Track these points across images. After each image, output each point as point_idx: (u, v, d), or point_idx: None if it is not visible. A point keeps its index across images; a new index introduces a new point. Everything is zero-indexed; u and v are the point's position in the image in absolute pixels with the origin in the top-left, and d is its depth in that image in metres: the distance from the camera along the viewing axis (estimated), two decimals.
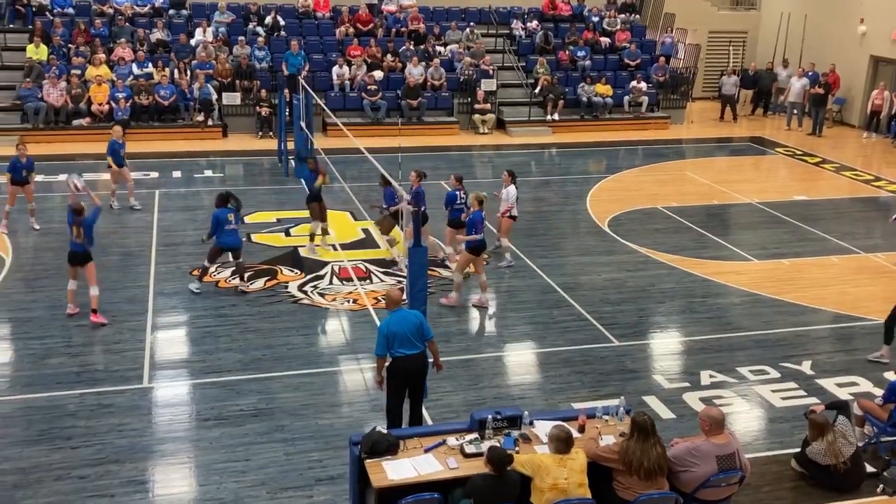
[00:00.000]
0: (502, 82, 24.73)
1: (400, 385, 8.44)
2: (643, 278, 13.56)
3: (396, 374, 8.37)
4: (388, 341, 8.26)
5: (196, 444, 8.80)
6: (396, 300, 8.54)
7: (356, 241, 14.88)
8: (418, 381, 8.55)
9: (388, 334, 8.27)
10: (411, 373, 8.41)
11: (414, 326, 8.36)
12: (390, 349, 8.28)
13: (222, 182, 18.50)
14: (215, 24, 24.21)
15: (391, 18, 25.79)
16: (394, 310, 8.49)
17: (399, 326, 8.30)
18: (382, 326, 8.39)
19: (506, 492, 6.67)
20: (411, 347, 8.32)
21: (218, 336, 11.18)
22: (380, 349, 8.31)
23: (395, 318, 8.39)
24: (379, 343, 8.31)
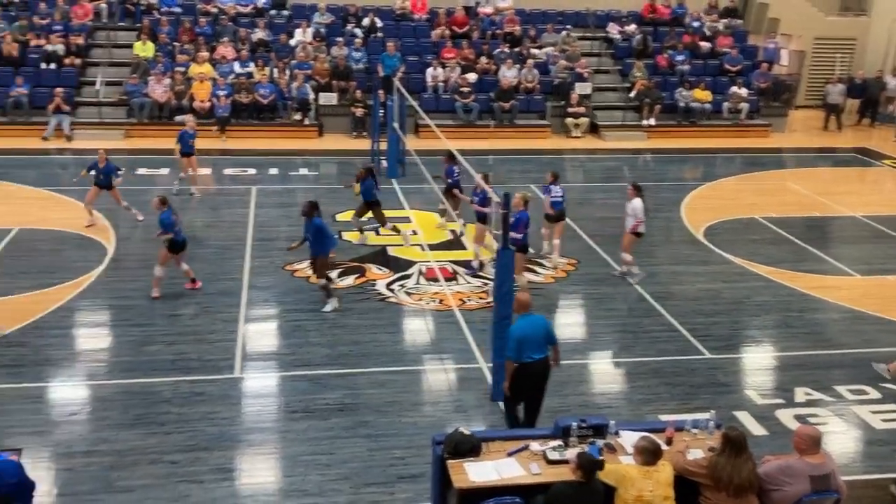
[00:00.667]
0: (597, 86, 24.45)
1: (524, 388, 8.49)
2: (738, 290, 13.18)
3: (523, 378, 8.41)
4: (519, 345, 8.28)
5: (283, 435, 8.97)
6: (526, 304, 8.55)
7: (444, 242, 14.92)
8: (541, 385, 8.59)
9: (519, 338, 8.30)
10: (537, 376, 8.47)
11: (543, 331, 8.44)
12: (519, 354, 8.31)
13: (316, 180, 18.84)
14: (315, 25, 24.68)
15: (487, 21, 25.81)
16: (523, 314, 8.50)
17: (529, 330, 8.35)
18: (514, 330, 8.42)
19: (590, 500, 6.55)
20: (538, 352, 8.38)
21: (307, 330, 11.37)
22: (511, 353, 8.35)
23: (526, 322, 8.43)
24: (510, 347, 8.36)
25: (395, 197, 17.39)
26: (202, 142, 20.18)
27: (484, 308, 12.02)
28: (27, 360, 10.30)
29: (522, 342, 8.31)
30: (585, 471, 6.51)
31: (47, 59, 22.30)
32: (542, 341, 8.45)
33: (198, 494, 7.92)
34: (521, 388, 8.50)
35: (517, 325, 8.47)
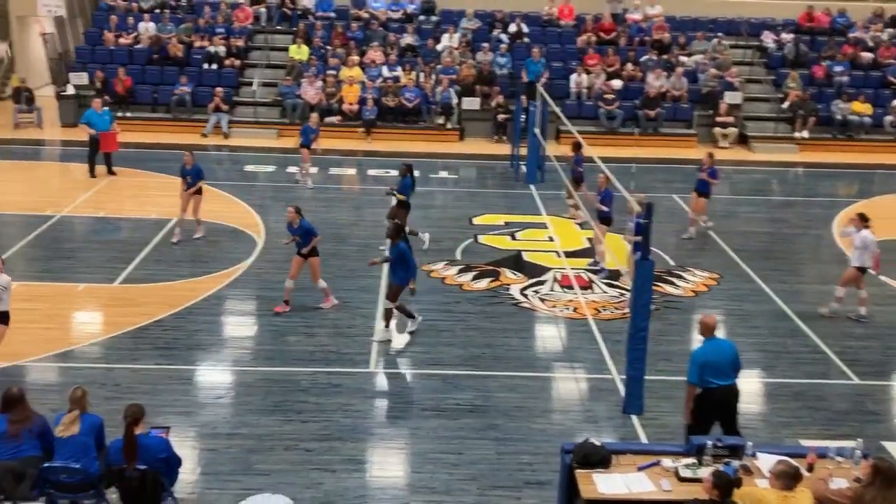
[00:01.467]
0: (748, 95, 23.64)
1: (708, 416, 8.14)
2: (894, 314, 12.44)
3: (705, 405, 8.11)
4: (701, 370, 8.03)
5: (414, 431, 9.13)
6: (712, 327, 8.22)
7: (580, 250, 14.78)
8: (729, 413, 8.20)
9: (702, 363, 8.03)
10: (721, 404, 8.12)
11: (729, 357, 8.11)
12: (702, 379, 8.03)
13: (455, 183, 19.07)
14: (462, 30, 24.99)
15: (635, 27, 25.41)
16: (709, 338, 8.22)
17: (715, 355, 8.06)
18: (697, 355, 8.14)
19: None
20: (724, 378, 8.04)
21: (441, 330, 11.53)
22: (693, 377, 8.07)
23: (711, 346, 8.14)
24: (691, 371, 8.08)
25: (532, 202, 17.39)
26: (348, 143, 20.89)
27: (620, 319, 11.85)
28: (179, 343, 10.93)
29: (705, 367, 7.97)
30: (722, 490, 6.31)
31: (209, 60, 23.58)
32: (728, 367, 8.05)
33: (330, 482, 8.18)
34: (703, 417, 8.12)
35: (701, 350, 8.14)
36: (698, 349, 8.21)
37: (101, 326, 11.50)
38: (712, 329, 8.21)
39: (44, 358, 10.38)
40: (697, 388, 8.07)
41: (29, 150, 20.68)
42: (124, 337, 11.04)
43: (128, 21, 24.57)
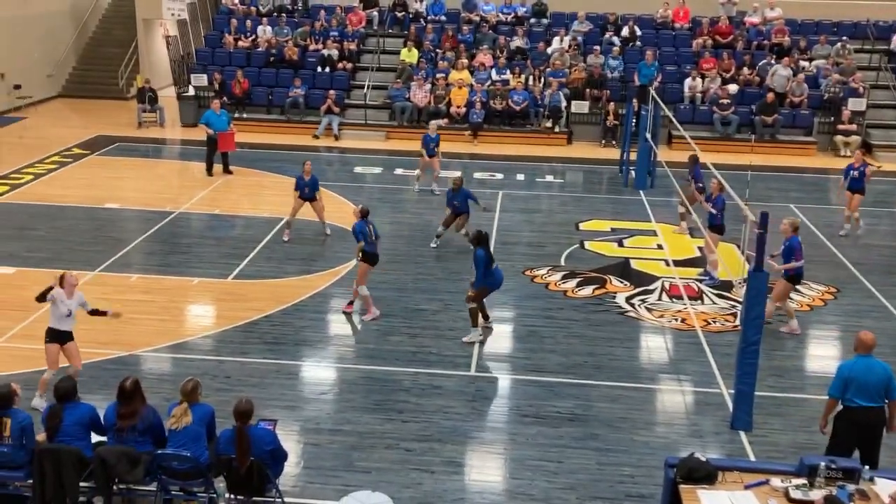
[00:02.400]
0: (873, 102, 22.58)
1: (846, 436, 7.79)
2: None
3: (844, 424, 7.78)
4: (845, 385, 7.71)
5: (513, 437, 9.08)
6: (868, 345, 7.80)
7: (691, 259, 14.41)
8: (871, 437, 7.81)
9: (847, 378, 7.70)
10: (863, 427, 7.76)
11: (881, 379, 7.70)
12: (845, 396, 7.73)
13: (562, 188, 18.90)
14: (573, 33, 24.76)
15: (753, 31, 24.62)
16: (861, 354, 7.83)
17: (863, 374, 7.68)
18: (843, 368, 7.84)
19: None
20: (870, 400, 7.67)
21: (543, 336, 11.43)
22: (834, 390, 7.78)
23: (861, 363, 7.76)
24: (834, 384, 7.78)
25: (642, 209, 17.07)
26: (454, 145, 20.98)
27: (730, 331, 11.48)
28: (287, 339, 11.19)
29: (850, 383, 7.62)
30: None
31: (323, 63, 24.12)
32: (877, 390, 7.64)
33: (429, 483, 8.21)
34: (842, 437, 7.77)
35: (848, 363, 7.80)
36: (846, 362, 7.85)
37: (213, 320, 11.89)
38: (868, 346, 7.75)
39: (159, 349, 10.80)
40: (839, 403, 7.70)
41: (151, 148, 21.61)
42: (235, 331, 11.39)
43: (246, 24, 25.38)
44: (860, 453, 7.73)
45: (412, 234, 15.21)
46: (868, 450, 7.75)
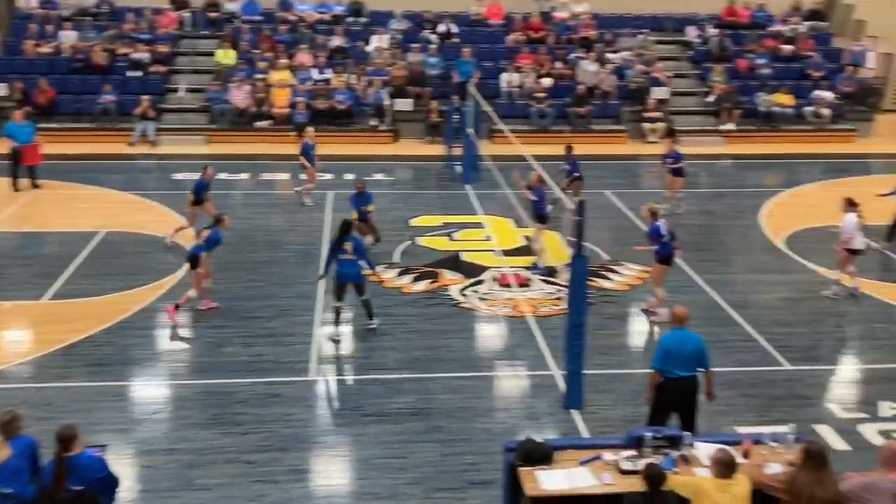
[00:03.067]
0: (675, 90, 24.10)
1: (665, 405, 8.25)
2: (820, 300, 12.82)
3: (663, 394, 8.23)
4: (665, 356, 8.13)
5: (356, 438, 9.08)
6: (681, 318, 8.32)
7: (518, 248, 14.88)
8: (687, 404, 8.28)
9: (666, 349, 8.15)
10: (680, 395, 8.22)
11: (694, 349, 8.18)
12: (664, 366, 8.14)
13: (391, 186, 19.02)
14: (391, 31, 24.94)
15: (562, 25, 25.69)
16: (676, 327, 8.33)
17: (679, 345, 8.15)
18: (663, 340, 8.33)
19: None
20: (686, 369, 8.14)
21: (381, 334, 11.48)
22: (656, 362, 8.20)
23: (677, 336, 8.24)
24: (656, 356, 8.21)
25: (469, 202, 17.45)
26: (280, 147, 20.66)
27: (557, 315, 11.96)
28: (112, 359, 10.66)
29: (668, 354, 8.09)
30: (650, 482, 6.44)
31: (134, 67, 23.07)
32: (692, 360, 8.15)
33: (273, 494, 8.07)
34: (662, 406, 8.25)
35: (666, 336, 8.31)
36: (664, 335, 8.36)
37: (29, 345, 11.15)
38: (681, 319, 8.31)
39: None
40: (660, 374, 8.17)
41: None
42: (54, 355, 10.73)
43: (46, 29, 23.88)
44: (680, 421, 8.26)
45: (241, 240, 14.83)
46: (686, 417, 8.28)
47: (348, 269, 11.18)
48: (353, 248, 11.17)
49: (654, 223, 11.83)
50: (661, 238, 11.74)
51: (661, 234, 11.75)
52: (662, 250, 11.74)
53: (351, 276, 11.22)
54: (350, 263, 11.17)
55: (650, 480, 6.46)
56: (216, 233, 12.10)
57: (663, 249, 11.73)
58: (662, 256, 11.81)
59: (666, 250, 11.76)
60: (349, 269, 11.18)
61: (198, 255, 11.79)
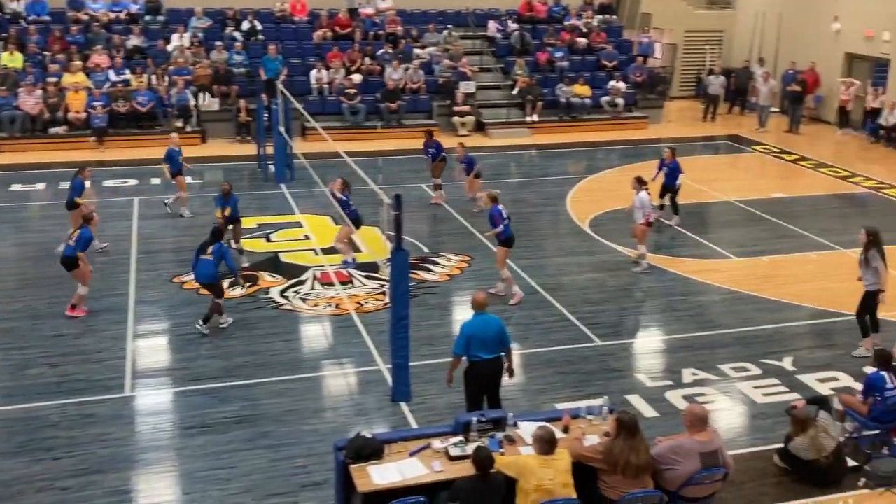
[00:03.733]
0: (481, 84, 24.77)
1: (476, 389, 8.51)
2: (624, 278, 13.63)
3: (472, 377, 8.47)
4: (468, 342, 8.31)
5: (180, 452, 8.76)
6: (481, 303, 8.57)
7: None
8: (493, 386, 8.59)
9: (469, 335, 8.34)
10: (488, 377, 8.48)
11: (495, 332, 8.44)
12: (468, 352, 8.34)
13: (202, 188, 18.42)
14: (192, 30, 24.11)
15: (368, 22, 25.77)
16: (478, 312, 8.52)
17: (481, 330, 8.38)
18: (465, 327, 8.48)
19: (491, 493, 6.68)
20: (489, 352, 8.39)
21: (200, 343, 11.13)
22: (458, 348, 8.42)
23: (479, 321, 8.47)
24: (458, 342, 8.42)
25: (284, 202, 17.20)
26: (79, 153, 19.52)
27: (382, 310, 12.03)
28: None
29: (471, 340, 8.33)
30: (479, 465, 6.65)
31: None
32: (494, 342, 8.44)
33: None
34: (475, 389, 8.50)
35: (468, 322, 8.51)
36: (466, 322, 8.58)
37: None
38: (481, 304, 8.60)
39: None
40: (463, 358, 8.43)
41: None
42: None
43: None
44: (487, 401, 8.59)
45: (39, 254, 13.92)
46: (492, 397, 8.65)
47: (203, 269, 11.38)
48: (213, 251, 11.35)
49: (494, 207, 12.35)
50: (503, 221, 12.26)
51: (502, 216, 12.28)
52: (504, 233, 12.32)
53: (204, 276, 11.40)
54: (205, 264, 11.34)
55: (478, 464, 6.66)
56: (86, 231, 11.81)
57: (505, 231, 12.31)
58: (504, 239, 12.38)
59: (507, 232, 12.32)
60: (203, 270, 11.38)
61: (73, 257, 11.52)
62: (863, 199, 18.54)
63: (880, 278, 10.80)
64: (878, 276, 10.79)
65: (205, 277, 11.47)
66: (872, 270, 10.83)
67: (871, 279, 10.86)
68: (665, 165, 16.15)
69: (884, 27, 23.67)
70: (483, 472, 6.64)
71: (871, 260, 10.82)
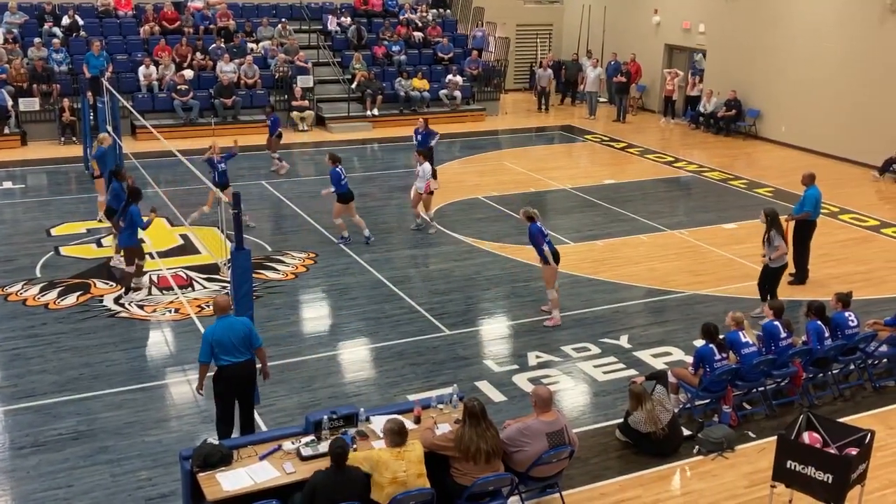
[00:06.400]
0: (319, 78, 24.53)
1: (227, 393, 8.21)
2: (469, 267, 13.88)
3: (222, 383, 8.16)
4: (213, 349, 8.04)
5: (11, 474, 8.20)
6: (224, 307, 8.30)
7: (175, 248, 14.32)
8: (246, 389, 8.34)
9: (212, 341, 8.06)
10: (238, 380, 8.20)
11: (241, 334, 8.16)
12: (215, 357, 8.06)
13: (24, 193, 17.31)
14: (6, 25, 22.57)
15: (199, 15, 24.95)
16: (220, 316, 8.25)
17: (225, 334, 8.09)
18: (207, 333, 8.18)
19: (347, 486, 6.61)
20: (238, 355, 8.12)
21: (29, 357, 10.46)
22: (203, 356, 8.11)
23: (221, 325, 8.17)
24: (202, 350, 8.10)
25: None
26: None
27: None
28: None
29: (216, 345, 8.04)
30: (332, 457, 6.60)
31: None
32: (241, 344, 8.14)
33: None
34: (225, 393, 8.20)
35: (210, 329, 8.21)
36: (208, 328, 8.29)
37: None
38: (224, 308, 8.30)
39: None
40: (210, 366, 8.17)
41: None
42: None
43: None
44: (239, 405, 8.35)
45: None
46: (245, 400, 8.39)
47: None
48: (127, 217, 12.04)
49: (333, 168, 14.19)
50: (340, 181, 14.18)
51: (340, 177, 14.18)
52: (340, 190, 14.23)
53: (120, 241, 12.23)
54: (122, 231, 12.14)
55: (333, 456, 6.59)
56: None
57: (341, 189, 14.22)
58: (340, 195, 14.30)
59: (343, 189, 14.20)
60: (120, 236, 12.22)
61: None
62: (686, 183, 19.68)
63: (780, 254, 11.67)
64: (778, 253, 11.64)
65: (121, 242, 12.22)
66: (774, 248, 11.65)
67: (774, 256, 11.69)
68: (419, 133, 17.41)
69: (699, 19, 25.20)
70: (338, 464, 6.59)
71: (773, 239, 11.66)
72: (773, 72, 22.93)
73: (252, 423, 8.54)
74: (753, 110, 23.71)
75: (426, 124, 17.57)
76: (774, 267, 11.85)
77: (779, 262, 11.83)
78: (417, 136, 17.43)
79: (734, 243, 15.23)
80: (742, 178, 19.73)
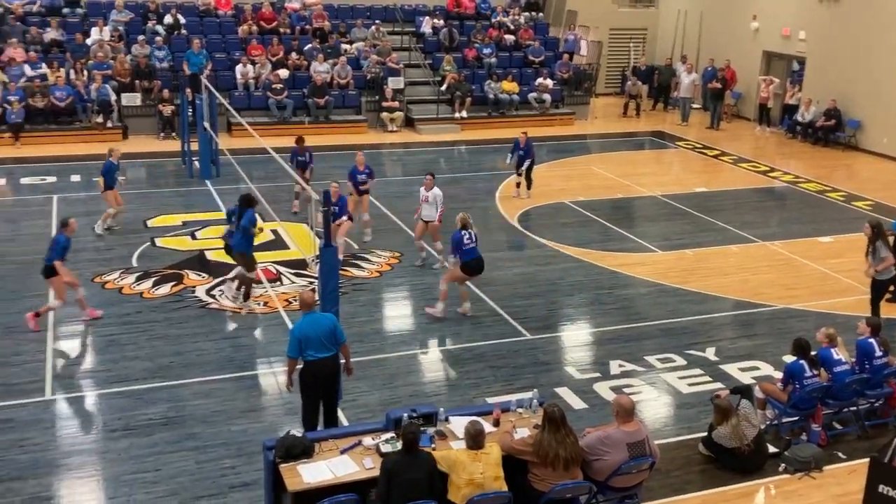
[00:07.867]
0: (410, 80, 24.74)
1: (312, 388, 8.35)
2: (552, 272, 13.78)
3: (308, 377, 8.29)
4: (300, 344, 8.18)
5: (103, 455, 8.53)
6: (309, 303, 8.44)
7: (266, 243, 14.65)
8: (331, 384, 8.48)
9: (300, 337, 8.19)
10: (323, 376, 8.32)
11: (327, 329, 8.27)
12: (302, 352, 8.20)
13: (124, 186, 17.97)
14: (112, 23, 23.49)
15: (295, 16, 25.49)
16: (307, 312, 8.40)
17: (311, 329, 8.22)
18: (295, 329, 8.33)
19: (421, 466, 6.67)
20: (323, 350, 8.24)
21: (123, 344, 10.86)
22: (291, 351, 8.24)
23: (308, 320, 8.31)
24: (290, 345, 8.24)
25: (210, 199, 16.89)
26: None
27: None
28: None
29: (303, 341, 8.17)
30: (404, 441, 6.66)
31: None
32: (327, 340, 8.25)
33: None
34: (311, 388, 8.33)
35: (298, 324, 8.35)
36: (296, 324, 8.42)
37: None
38: (310, 304, 8.42)
39: None
40: (298, 361, 8.27)
41: None
42: None
43: None
44: (323, 399, 8.44)
45: None
46: (328, 395, 8.49)
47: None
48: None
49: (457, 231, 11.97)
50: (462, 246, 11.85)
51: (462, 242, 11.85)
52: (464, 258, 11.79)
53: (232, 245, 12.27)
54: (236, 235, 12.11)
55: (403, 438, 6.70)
56: (61, 238, 11.17)
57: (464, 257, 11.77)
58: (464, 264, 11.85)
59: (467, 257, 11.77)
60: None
61: (50, 266, 11.00)
62: (781, 193, 19.12)
63: (887, 265, 11.26)
64: (885, 264, 11.25)
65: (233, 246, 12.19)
66: (880, 260, 11.30)
67: (881, 268, 11.31)
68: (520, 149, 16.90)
69: (800, 26, 24.45)
70: (408, 449, 6.65)
71: (880, 250, 11.31)
72: (875, 82, 22.08)
73: (335, 418, 8.67)
74: (854, 121, 22.87)
75: (527, 139, 17.37)
76: (881, 279, 11.43)
77: (886, 275, 11.40)
78: (519, 151, 17.19)
79: (830, 257, 14.72)
80: (840, 190, 19.06)
